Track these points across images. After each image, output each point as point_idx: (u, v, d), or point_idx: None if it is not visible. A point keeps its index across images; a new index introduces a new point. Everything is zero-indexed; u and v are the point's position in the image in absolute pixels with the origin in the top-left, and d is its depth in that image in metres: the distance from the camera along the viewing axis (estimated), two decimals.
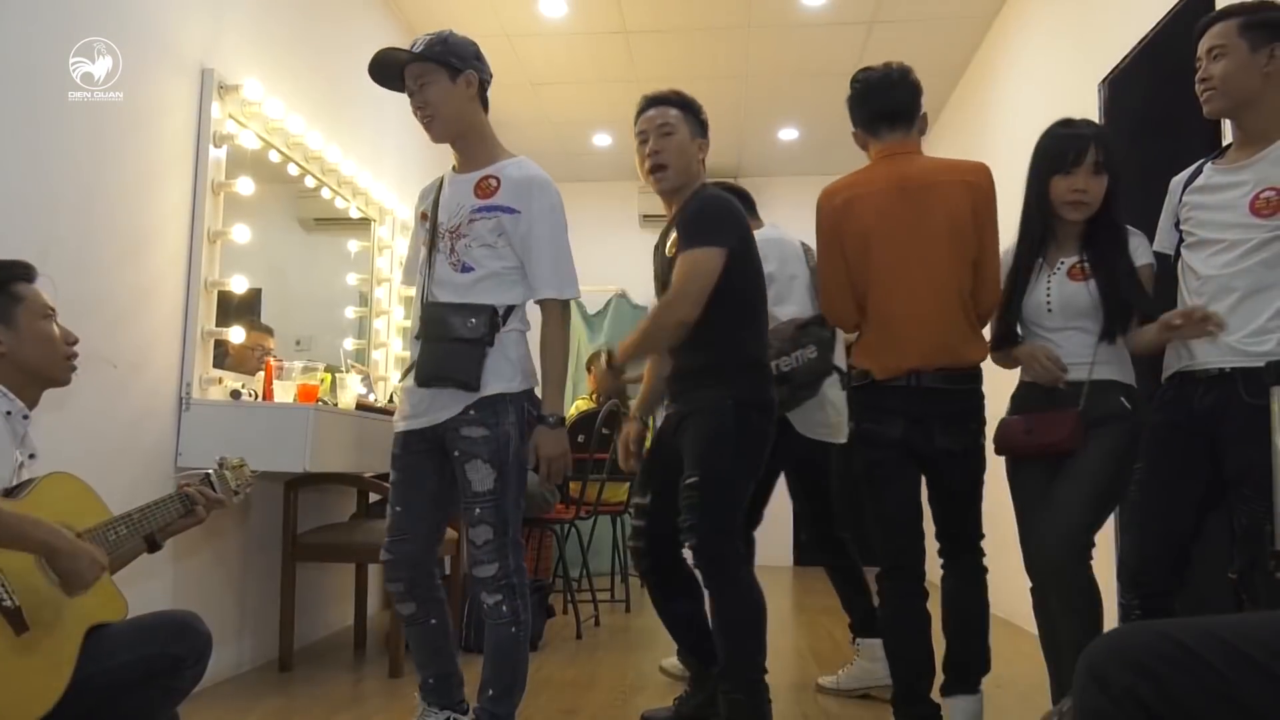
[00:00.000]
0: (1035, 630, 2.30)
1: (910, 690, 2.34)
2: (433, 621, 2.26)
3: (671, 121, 2.46)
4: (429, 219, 2.28)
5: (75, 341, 1.86)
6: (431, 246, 2.24)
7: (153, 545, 1.93)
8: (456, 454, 2.16)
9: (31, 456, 1.79)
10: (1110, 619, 2.22)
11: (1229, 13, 2.09)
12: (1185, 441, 2.08)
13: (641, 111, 2.51)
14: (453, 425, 2.16)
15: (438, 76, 2.20)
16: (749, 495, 2.46)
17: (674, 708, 2.65)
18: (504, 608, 2.14)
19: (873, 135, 2.46)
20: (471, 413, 2.15)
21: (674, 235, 2.45)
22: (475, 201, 2.21)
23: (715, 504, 2.33)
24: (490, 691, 2.15)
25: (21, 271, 1.83)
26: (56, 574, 1.61)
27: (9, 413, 1.75)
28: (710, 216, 2.40)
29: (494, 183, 2.22)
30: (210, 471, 2.01)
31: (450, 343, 2.14)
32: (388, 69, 2.24)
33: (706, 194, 2.46)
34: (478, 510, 2.14)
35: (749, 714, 2.30)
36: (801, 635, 4.18)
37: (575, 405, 5.53)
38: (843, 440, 2.70)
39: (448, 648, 2.29)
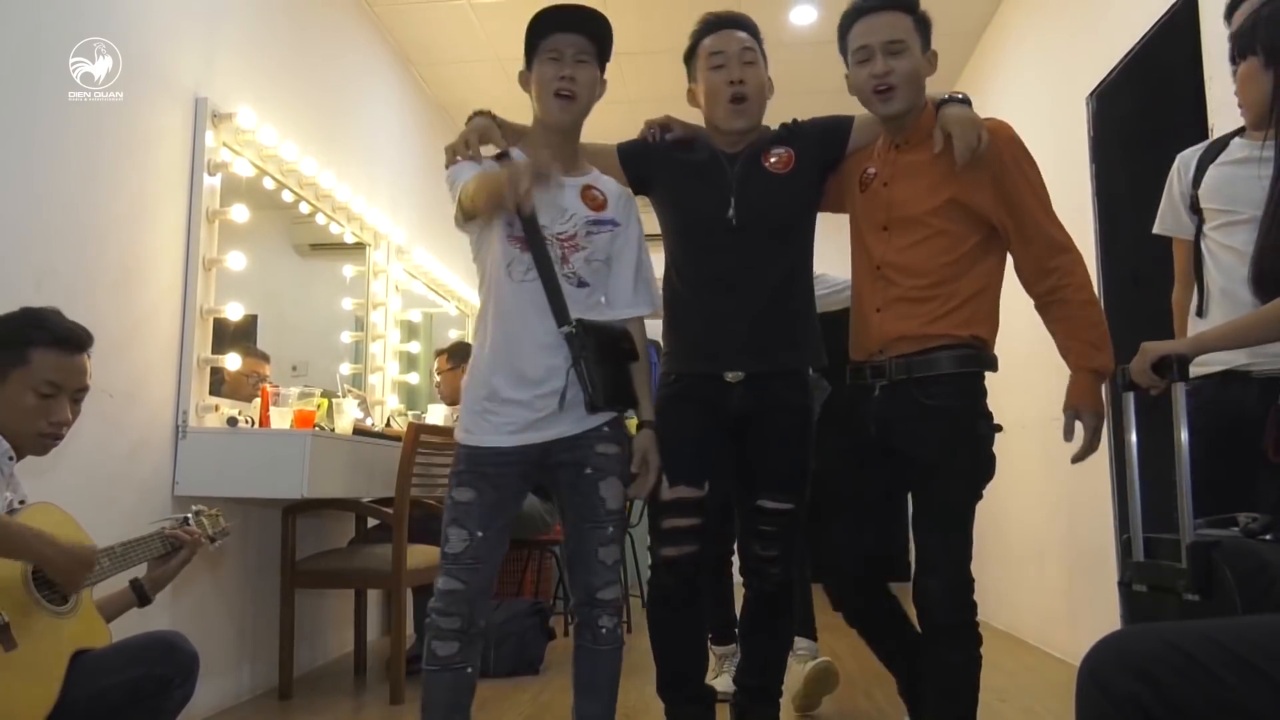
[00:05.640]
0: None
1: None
2: (469, 670, 1.95)
3: (754, 48, 2.18)
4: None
5: (64, 423, 1.82)
6: (540, 249, 1.97)
7: (143, 599, 1.95)
8: (589, 471, 2.00)
9: (22, 502, 1.79)
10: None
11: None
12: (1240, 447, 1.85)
13: (713, 30, 2.18)
14: (587, 441, 2.00)
15: (594, 64, 2.04)
16: None
17: None
18: (619, 630, 2.04)
19: None
20: (606, 429, 2.03)
21: (778, 151, 2.19)
22: (587, 212, 2.04)
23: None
24: None
25: (55, 339, 1.80)
26: (54, 576, 1.66)
27: None
28: None
29: (599, 195, 2.08)
30: (189, 515, 2.04)
31: (622, 365, 2.03)
32: (570, 20, 2.02)
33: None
34: (610, 529, 2.02)
35: None
36: None
37: None
38: None
39: (471, 705, 2.00)
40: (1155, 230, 2.23)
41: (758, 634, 2.29)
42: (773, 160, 2.18)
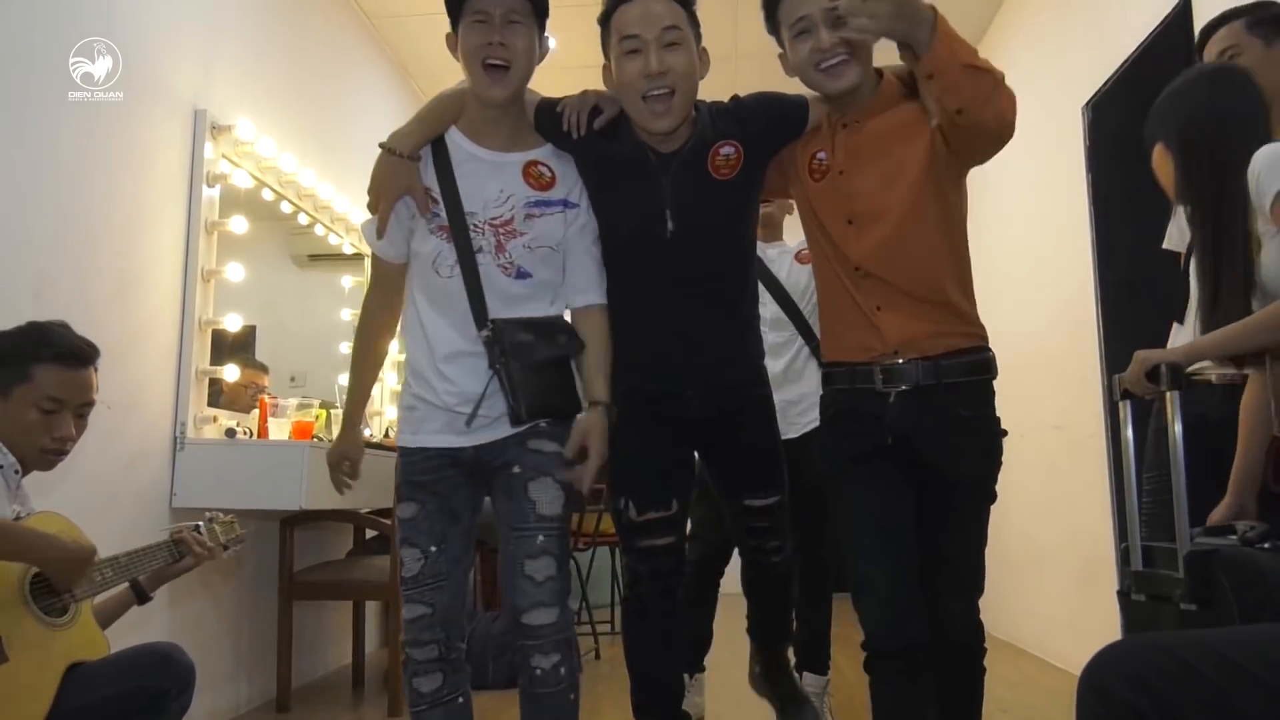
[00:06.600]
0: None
1: None
2: (460, 700, 1.78)
3: (678, 25, 1.79)
4: (440, 201, 1.78)
5: (68, 438, 1.83)
6: (463, 241, 1.75)
7: (142, 597, 1.95)
8: (517, 470, 1.75)
9: (30, 514, 1.79)
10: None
11: (1232, 15, 2.09)
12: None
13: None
14: (517, 438, 1.76)
15: (530, 25, 1.75)
16: None
17: None
18: (562, 669, 1.74)
19: None
20: (542, 424, 1.76)
21: (726, 151, 1.85)
22: (529, 192, 1.77)
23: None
24: None
25: (59, 354, 1.81)
26: (51, 575, 1.65)
27: (1, 465, 1.76)
28: None
29: (546, 172, 1.80)
30: (200, 524, 2.02)
31: (557, 365, 1.78)
32: None
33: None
34: (541, 539, 1.72)
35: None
36: None
37: None
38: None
39: None
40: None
41: (763, 598, 2.28)
42: (718, 162, 1.84)
